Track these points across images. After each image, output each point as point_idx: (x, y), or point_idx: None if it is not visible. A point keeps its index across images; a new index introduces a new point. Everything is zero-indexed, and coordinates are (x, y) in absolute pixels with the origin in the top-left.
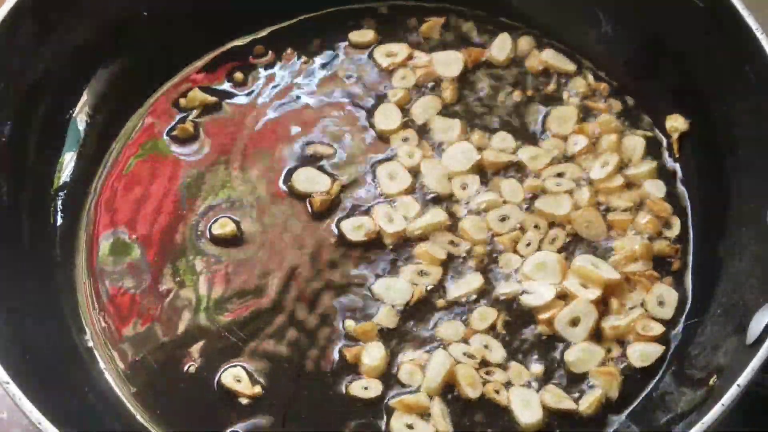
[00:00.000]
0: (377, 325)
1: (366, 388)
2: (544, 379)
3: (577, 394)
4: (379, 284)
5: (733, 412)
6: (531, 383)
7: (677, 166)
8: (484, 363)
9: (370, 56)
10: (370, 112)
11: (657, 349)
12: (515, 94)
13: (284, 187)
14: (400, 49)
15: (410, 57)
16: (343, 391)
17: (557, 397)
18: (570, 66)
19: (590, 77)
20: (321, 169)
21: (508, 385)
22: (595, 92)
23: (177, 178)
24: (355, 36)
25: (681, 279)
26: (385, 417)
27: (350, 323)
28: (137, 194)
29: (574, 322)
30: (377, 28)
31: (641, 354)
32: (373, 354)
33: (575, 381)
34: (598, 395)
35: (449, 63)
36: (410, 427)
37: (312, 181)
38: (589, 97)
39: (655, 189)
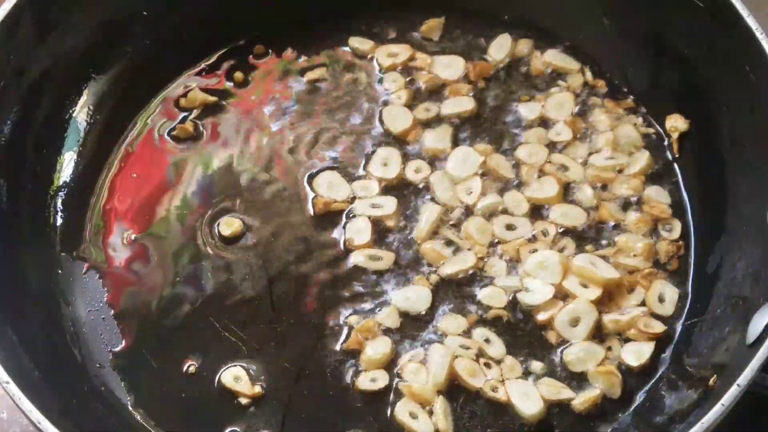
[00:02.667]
0: (379, 323)
1: (374, 380)
2: (542, 375)
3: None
4: (397, 295)
5: (733, 412)
6: (528, 377)
7: (677, 166)
8: (481, 355)
9: (372, 57)
10: (373, 114)
11: (650, 347)
12: (515, 93)
13: (299, 186)
14: (402, 50)
15: (412, 58)
16: (350, 386)
17: (554, 389)
18: (573, 65)
19: (588, 74)
20: (342, 174)
21: (505, 380)
22: (594, 89)
23: (177, 177)
24: (356, 43)
25: (681, 278)
26: (389, 411)
27: (353, 319)
28: (138, 193)
29: (575, 322)
30: (377, 30)
31: (635, 353)
32: (378, 347)
33: (574, 379)
34: (595, 395)
35: (451, 66)
36: (414, 416)
37: (332, 187)
38: (588, 93)
39: (655, 191)
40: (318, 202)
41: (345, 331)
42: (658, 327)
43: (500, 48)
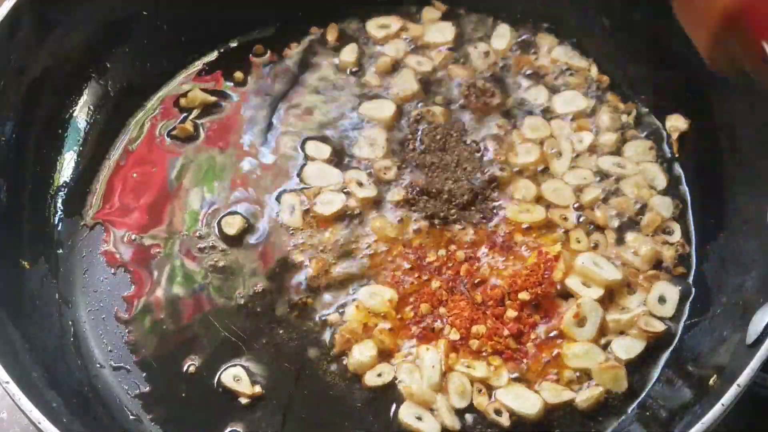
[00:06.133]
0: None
1: (380, 375)
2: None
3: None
4: (364, 291)
5: (733, 412)
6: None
7: (677, 166)
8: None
9: (364, 29)
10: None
11: (641, 344)
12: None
13: (293, 182)
14: (393, 21)
15: (403, 29)
16: (350, 386)
17: (555, 392)
18: (582, 62)
19: (594, 70)
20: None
21: (496, 389)
22: (598, 86)
23: (178, 177)
24: (345, 56)
25: (682, 278)
26: (391, 412)
27: (334, 318)
28: (138, 193)
29: (582, 322)
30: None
31: (626, 347)
32: (364, 350)
33: (575, 377)
34: (598, 393)
35: (442, 30)
36: (419, 418)
37: (323, 176)
38: (594, 90)
39: (660, 200)
40: (309, 193)
41: (332, 328)
42: (659, 326)
43: (501, 38)
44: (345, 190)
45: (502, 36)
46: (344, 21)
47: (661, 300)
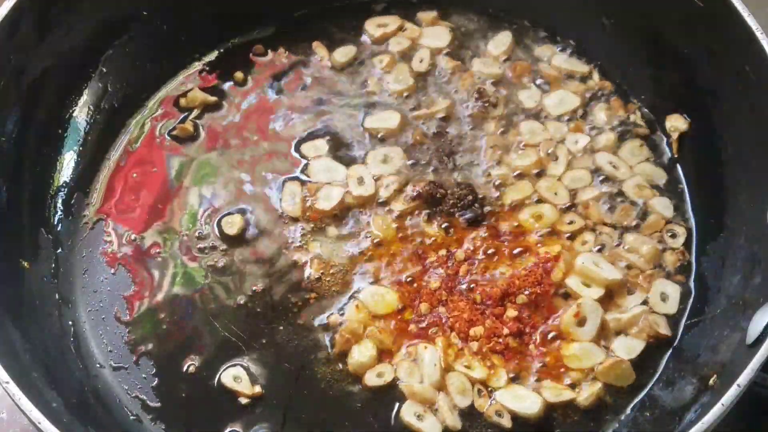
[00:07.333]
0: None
1: (380, 375)
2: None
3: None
4: (365, 292)
5: (733, 412)
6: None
7: (677, 166)
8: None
9: (362, 29)
10: (368, 113)
11: (641, 344)
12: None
13: (299, 177)
14: (391, 21)
15: (401, 28)
16: (350, 386)
17: (555, 390)
18: (583, 68)
19: (596, 75)
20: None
21: (496, 390)
22: (600, 91)
23: (178, 177)
24: (338, 56)
25: (682, 278)
26: (392, 411)
27: (334, 318)
28: (138, 193)
29: (582, 322)
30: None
31: (627, 347)
32: (364, 351)
33: (576, 377)
34: (598, 389)
35: (438, 35)
36: (420, 418)
37: (330, 171)
38: (592, 95)
39: (659, 202)
40: (311, 187)
41: (333, 327)
42: (663, 325)
43: (499, 44)
44: (346, 188)
45: (502, 42)
46: (343, 20)
47: (663, 297)
